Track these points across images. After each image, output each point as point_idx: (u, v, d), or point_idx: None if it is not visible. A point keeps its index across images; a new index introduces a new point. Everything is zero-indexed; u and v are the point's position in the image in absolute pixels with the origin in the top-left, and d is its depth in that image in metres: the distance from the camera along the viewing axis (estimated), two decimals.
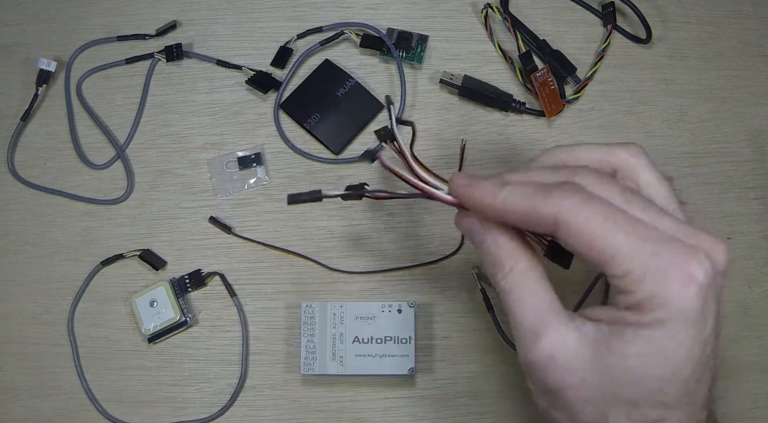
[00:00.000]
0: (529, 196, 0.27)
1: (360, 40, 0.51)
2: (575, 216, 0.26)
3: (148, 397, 0.47)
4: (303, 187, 0.50)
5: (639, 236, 0.25)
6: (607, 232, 0.26)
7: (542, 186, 0.27)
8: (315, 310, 0.46)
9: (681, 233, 0.26)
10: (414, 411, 0.47)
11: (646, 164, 0.30)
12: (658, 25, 0.53)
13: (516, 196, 0.28)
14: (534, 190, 0.27)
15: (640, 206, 0.27)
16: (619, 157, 0.30)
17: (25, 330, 0.49)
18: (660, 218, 0.27)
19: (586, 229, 0.26)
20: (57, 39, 0.53)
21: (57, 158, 0.51)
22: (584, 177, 0.28)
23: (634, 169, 0.30)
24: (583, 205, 0.26)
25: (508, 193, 0.28)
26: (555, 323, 0.28)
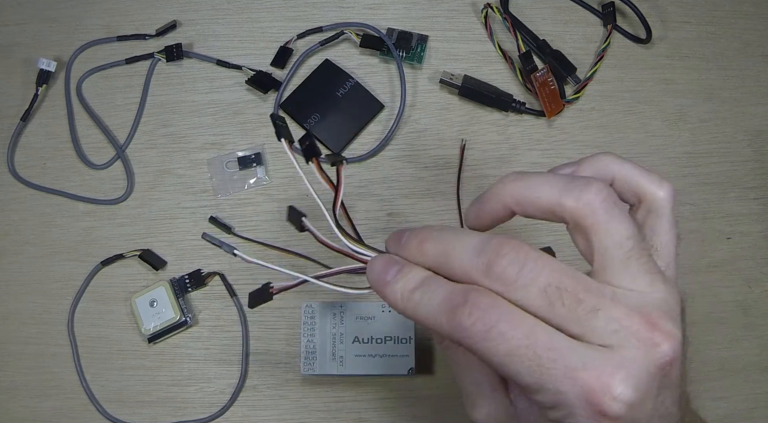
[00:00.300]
0: (434, 313, 0.25)
1: (360, 40, 0.51)
2: (477, 346, 0.24)
3: (148, 397, 0.47)
4: (303, 187, 0.50)
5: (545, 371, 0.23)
6: (511, 366, 0.24)
7: (445, 302, 0.25)
8: (315, 310, 0.46)
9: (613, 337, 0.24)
10: (414, 411, 0.47)
11: (601, 220, 0.26)
12: (658, 25, 0.53)
13: (423, 311, 0.26)
14: (439, 306, 0.25)
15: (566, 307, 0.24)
16: (568, 207, 0.26)
17: (25, 330, 0.49)
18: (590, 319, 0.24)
19: (490, 361, 0.24)
20: (57, 39, 0.53)
21: (57, 158, 0.51)
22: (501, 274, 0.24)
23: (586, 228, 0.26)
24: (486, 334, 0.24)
25: (416, 305, 0.26)
26: (489, 396, 0.28)
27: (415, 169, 0.51)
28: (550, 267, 0.24)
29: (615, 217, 0.25)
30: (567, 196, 0.26)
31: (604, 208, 0.25)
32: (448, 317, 0.25)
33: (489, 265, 0.25)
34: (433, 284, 0.26)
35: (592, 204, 0.25)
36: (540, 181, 0.27)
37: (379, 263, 0.29)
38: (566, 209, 0.26)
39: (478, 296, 0.24)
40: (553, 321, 0.24)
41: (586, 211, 0.25)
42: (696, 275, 0.49)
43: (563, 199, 0.26)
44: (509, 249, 0.24)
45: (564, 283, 0.24)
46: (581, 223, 0.26)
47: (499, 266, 0.24)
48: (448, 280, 0.26)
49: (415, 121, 0.51)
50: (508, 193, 0.28)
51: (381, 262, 0.29)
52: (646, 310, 0.24)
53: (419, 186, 0.50)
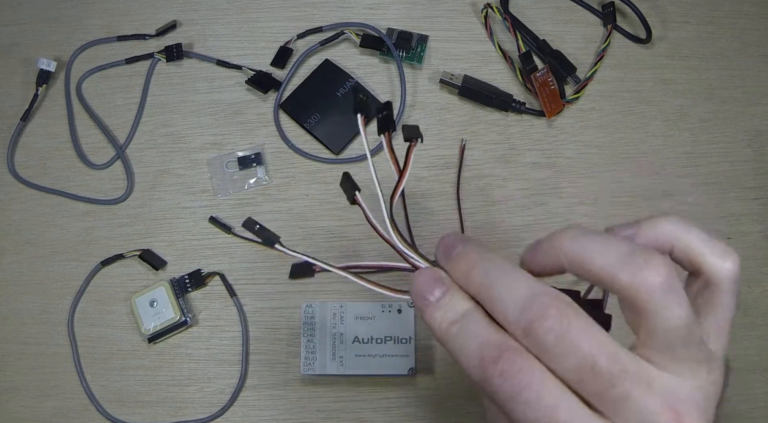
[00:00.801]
0: (467, 354, 0.25)
1: (360, 40, 0.51)
2: (504, 404, 0.24)
3: (148, 397, 0.47)
4: (303, 187, 0.50)
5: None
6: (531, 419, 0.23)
7: (480, 348, 0.24)
8: (315, 310, 0.46)
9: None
10: (414, 411, 0.47)
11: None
12: (658, 25, 0.53)
13: (457, 346, 0.25)
14: (472, 349, 0.25)
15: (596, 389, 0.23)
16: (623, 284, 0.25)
17: (25, 330, 0.49)
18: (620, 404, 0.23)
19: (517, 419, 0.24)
20: (57, 39, 0.53)
21: (57, 158, 0.51)
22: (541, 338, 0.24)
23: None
24: (515, 395, 0.23)
25: (453, 337, 0.26)
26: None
27: (415, 169, 0.51)
28: (590, 341, 0.23)
29: (671, 303, 0.24)
30: (623, 270, 0.24)
31: (661, 292, 0.24)
32: (480, 367, 0.24)
33: (529, 325, 0.24)
34: (472, 324, 0.26)
35: (650, 285, 0.24)
36: (598, 246, 0.25)
37: (425, 279, 0.28)
38: (621, 285, 0.24)
39: (512, 356, 0.24)
40: (581, 394, 0.23)
41: (641, 291, 0.24)
42: None
43: (619, 273, 0.24)
44: (554, 312, 0.24)
45: (600, 363, 0.23)
46: (634, 301, 0.24)
47: (539, 330, 0.24)
48: (489, 321, 0.25)
49: (415, 121, 0.51)
50: (564, 250, 0.26)
51: (427, 277, 0.28)
52: (678, 406, 0.23)
53: (419, 186, 0.50)
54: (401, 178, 0.32)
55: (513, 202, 0.50)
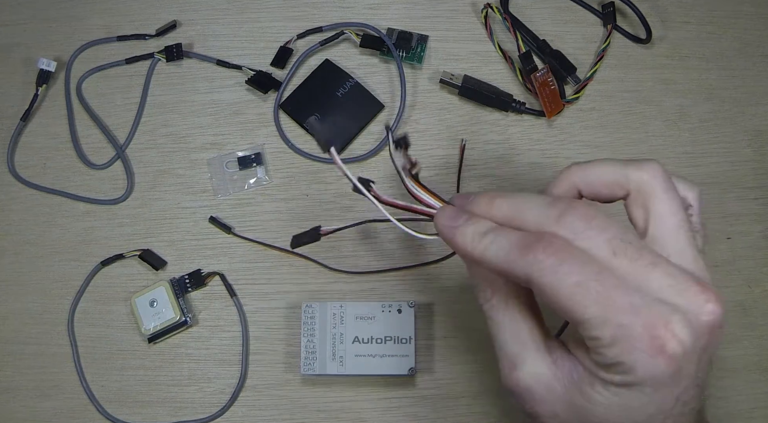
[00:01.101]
0: (506, 251, 0.27)
1: (360, 40, 0.51)
2: (548, 278, 0.25)
3: (148, 397, 0.47)
4: (303, 187, 0.50)
5: (610, 305, 0.25)
6: (578, 297, 0.25)
7: (520, 240, 0.27)
8: (315, 310, 0.46)
9: (668, 291, 0.25)
10: (414, 411, 0.47)
11: (660, 189, 0.28)
12: (658, 25, 0.53)
13: (493, 250, 0.28)
14: (512, 245, 0.27)
15: (629, 258, 0.26)
16: (633, 178, 0.29)
17: (25, 330, 0.49)
18: (649, 271, 0.26)
19: (557, 294, 0.25)
20: (57, 39, 0.53)
21: (57, 158, 0.51)
22: (571, 223, 0.26)
23: (647, 195, 0.29)
24: (558, 267, 0.25)
25: (487, 245, 0.28)
26: (532, 356, 0.29)
27: None
28: (615, 225, 0.26)
29: (671, 189, 0.28)
30: (631, 169, 0.29)
31: (663, 178, 0.28)
32: (521, 253, 0.26)
33: (561, 214, 0.27)
34: (505, 229, 0.28)
35: (655, 173, 0.28)
36: (601, 163, 0.30)
37: (449, 211, 0.31)
38: (632, 179, 0.29)
39: (552, 237, 0.26)
40: (615, 271, 0.26)
41: (649, 179, 0.28)
42: None
43: (628, 172, 0.29)
44: (579, 205, 0.27)
45: (628, 237, 0.26)
46: (644, 189, 0.28)
47: (570, 216, 0.27)
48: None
49: (415, 121, 0.51)
50: (576, 176, 0.30)
51: (450, 210, 0.31)
52: (696, 274, 0.27)
53: None
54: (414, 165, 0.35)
55: None
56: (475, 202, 0.30)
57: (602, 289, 0.25)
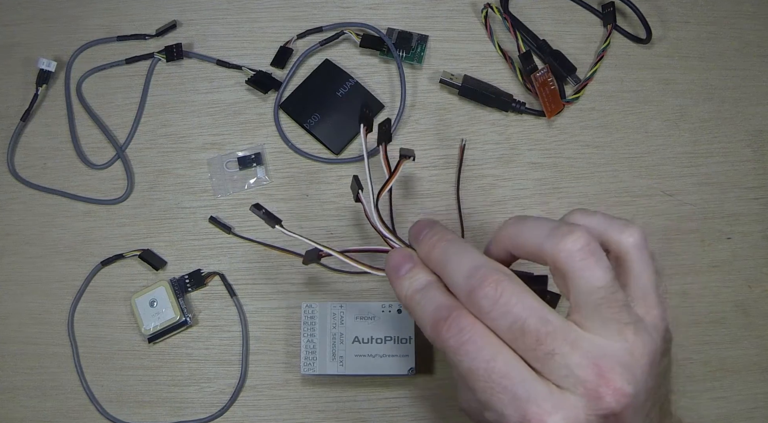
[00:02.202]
0: (424, 318, 0.29)
1: (360, 40, 0.51)
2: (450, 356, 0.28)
3: (148, 397, 0.47)
4: (303, 187, 0.50)
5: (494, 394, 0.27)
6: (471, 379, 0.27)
7: (434, 312, 0.29)
8: (315, 310, 0.46)
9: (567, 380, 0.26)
10: (414, 411, 0.47)
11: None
12: (658, 25, 0.53)
13: (419, 312, 0.30)
14: (428, 314, 0.29)
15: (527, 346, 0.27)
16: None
17: (25, 330, 0.49)
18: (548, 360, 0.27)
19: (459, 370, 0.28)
20: (57, 39, 0.53)
21: (57, 158, 0.51)
22: (479, 302, 0.28)
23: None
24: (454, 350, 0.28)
25: (415, 304, 0.30)
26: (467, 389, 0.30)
27: (415, 169, 0.51)
28: (521, 306, 0.27)
29: (589, 267, 0.27)
30: (548, 242, 0.28)
31: (580, 257, 0.27)
32: (432, 326, 0.29)
33: (471, 291, 0.28)
34: (431, 292, 0.30)
35: (570, 251, 0.27)
36: (530, 225, 0.30)
37: (397, 257, 0.33)
38: (546, 254, 0.28)
39: (459, 317, 0.28)
40: (518, 351, 0.27)
41: (562, 257, 0.28)
42: (696, 275, 0.49)
43: (545, 245, 0.28)
44: (491, 281, 0.28)
45: (529, 324, 0.27)
46: (559, 267, 0.28)
47: (477, 295, 0.28)
48: (446, 291, 0.30)
49: (415, 121, 0.51)
50: (506, 237, 0.31)
51: (399, 256, 0.33)
52: (601, 362, 0.26)
53: (419, 186, 0.50)
54: (388, 181, 0.37)
55: (513, 202, 0.50)
56: (420, 245, 0.32)
57: (489, 379, 0.27)
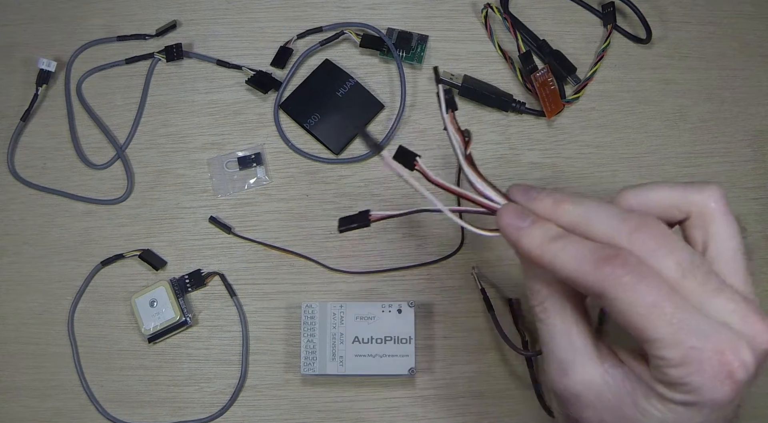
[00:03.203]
0: (578, 260, 0.27)
1: (360, 40, 0.51)
2: (624, 295, 0.25)
3: (148, 397, 0.47)
4: (303, 187, 0.50)
5: (683, 327, 0.25)
6: (650, 318, 0.25)
7: (594, 252, 0.26)
8: (315, 310, 0.46)
9: (733, 316, 0.26)
10: (414, 411, 0.47)
11: (720, 213, 0.28)
12: (658, 25, 0.53)
13: (564, 258, 0.27)
14: (584, 255, 0.27)
15: (697, 281, 0.26)
16: (693, 201, 0.29)
17: (25, 330, 0.49)
18: (715, 296, 0.26)
19: (629, 311, 0.25)
20: (57, 39, 0.53)
21: (57, 158, 0.51)
22: (643, 242, 0.26)
23: (707, 218, 0.29)
24: (636, 285, 0.25)
25: (557, 252, 0.27)
26: (584, 363, 0.29)
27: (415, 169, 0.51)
28: (685, 246, 0.26)
29: (730, 212, 0.28)
30: (691, 192, 0.28)
31: (723, 202, 0.28)
32: (596, 265, 0.26)
33: (634, 230, 0.26)
34: (573, 238, 0.28)
35: (715, 196, 0.28)
36: (658, 186, 0.29)
37: (512, 211, 0.30)
38: (693, 202, 0.28)
39: (629, 254, 0.26)
40: (682, 293, 0.26)
41: (709, 202, 0.28)
42: None
43: (688, 194, 0.29)
44: (652, 221, 0.27)
45: (697, 261, 0.26)
46: (704, 212, 0.28)
47: (643, 233, 0.26)
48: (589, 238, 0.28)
49: (415, 121, 0.51)
50: (632, 200, 0.29)
51: (514, 210, 0.30)
52: (751, 301, 0.26)
53: None
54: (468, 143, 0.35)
55: None
56: (539, 201, 0.29)
57: (675, 311, 0.25)
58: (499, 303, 0.48)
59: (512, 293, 0.48)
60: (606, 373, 0.29)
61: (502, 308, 0.48)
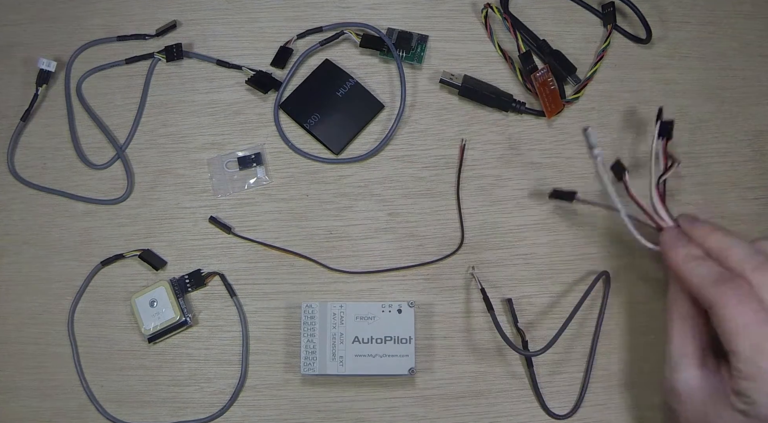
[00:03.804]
0: (703, 277, 0.35)
1: (360, 40, 0.51)
2: (725, 311, 0.33)
3: (148, 397, 0.47)
4: (303, 187, 0.50)
5: (762, 351, 0.32)
6: (739, 334, 0.33)
7: (719, 274, 0.35)
8: (315, 310, 0.46)
9: None
10: (414, 411, 0.47)
11: None
12: (658, 25, 0.53)
13: (695, 273, 0.36)
14: (711, 274, 0.35)
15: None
16: None
17: (25, 330, 0.49)
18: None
19: (726, 324, 0.33)
20: (57, 39, 0.53)
21: (57, 158, 0.51)
22: (761, 276, 0.34)
23: None
24: (737, 305, 0.33)
25: (692, 268, 0.36)
26: (689, 365, 0.37)
27: (415, 169, 0.51)
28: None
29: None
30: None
31: None
32: (716, 283, 0.34)
33: (757, 266, 0.34)
34: (708, 261, 0.36)
35: None
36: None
37: (675, 231, 0.39)
38: None
39: (745, 281, 0.34)
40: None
41: None
42: None
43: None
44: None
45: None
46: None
47: (764, 270, 0.34)
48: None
49: (415, 121, 0.51)
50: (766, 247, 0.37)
51: (675, 232, 0.39)
52: None
53: (419, 186, 0.50)
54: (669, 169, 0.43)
55: (513, 202, 0.50)
56: (697, 228, 0.38)
57: (760, 336, 0.32)
58: (499, 303, 0.48)
59: (512, 293, 0.48)
60: (703, 378, 0.36)
61: (502, 308, 0.48)
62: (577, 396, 0.47)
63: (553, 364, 0.48)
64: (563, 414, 0.47)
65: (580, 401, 0.47)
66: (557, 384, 0.47)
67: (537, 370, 0.47)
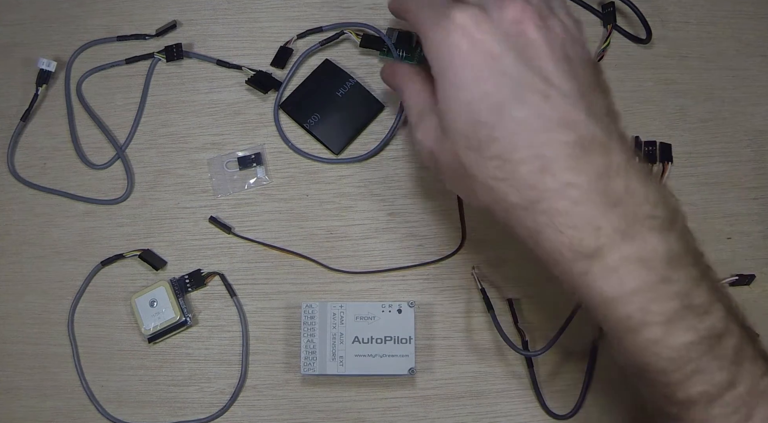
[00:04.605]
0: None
1: (360, 40, 0.51)
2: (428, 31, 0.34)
3: (148, 397, 0.47)
4: (303, 187, 0.50)
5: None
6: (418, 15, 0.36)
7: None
8: (315, 310, 0.46)
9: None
10: (414, 411, 0.47)
11: None
12: (658, 25, 0.53)
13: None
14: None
15: None
16: None
17: (25, 330, 0.49)
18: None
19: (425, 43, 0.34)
20: (57, 39, 0.53)
21: (57, 158, 0.51)
22: None
23: None
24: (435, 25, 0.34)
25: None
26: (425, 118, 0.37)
27: (415, 169, 0.51)
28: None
29: None
30: None
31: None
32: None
33: None
34: None
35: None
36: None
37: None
38: None
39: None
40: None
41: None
42: None
43: None
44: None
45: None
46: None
47: None
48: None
49: None
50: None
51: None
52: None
53: (419, 186, 0.50)
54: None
55: None
56: None
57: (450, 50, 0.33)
58: (499, 303, 0.48)
59: (512, 293, 0.48)
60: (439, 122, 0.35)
61: (502, 308, 0.48)
62: (578, 396, 0.47)
63: (554, 364, 0.48)
64: (564, 414, 0.46)
65: (580, 401, 0.47)
66: (557, 384, 0.47)
67: (537, 371, 0.47)
